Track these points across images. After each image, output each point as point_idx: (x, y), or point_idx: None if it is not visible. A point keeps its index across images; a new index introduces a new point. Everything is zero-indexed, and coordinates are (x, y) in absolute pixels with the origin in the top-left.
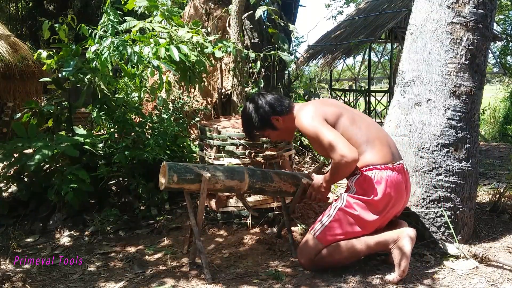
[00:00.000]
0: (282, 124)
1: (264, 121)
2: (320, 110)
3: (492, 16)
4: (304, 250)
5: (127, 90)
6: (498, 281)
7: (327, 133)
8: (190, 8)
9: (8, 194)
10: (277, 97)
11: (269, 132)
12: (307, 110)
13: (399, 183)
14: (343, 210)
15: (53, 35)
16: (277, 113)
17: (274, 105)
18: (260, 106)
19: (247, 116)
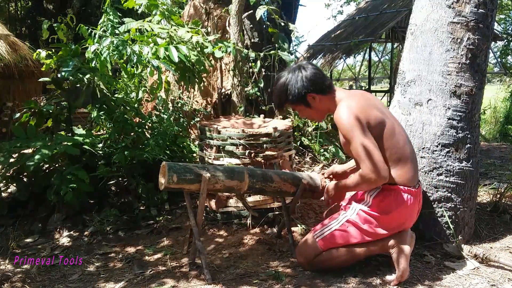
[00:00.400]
0: (317, 103)
1: (300, 96)
2: (365, 111)
3: (492, 15)
4: (303, 250)
5: (127, 90)
6: (499, 282)
7: (363, 141)
8: (190, 7)
9: (7, 194)
10: (319, 74)
11: (300, 108)
12: (350, 105)
13: (414, 207)
14: (352, 222)
15: (53, 34)
16: (316, 91)
17: (315, 82)
18: (300, 79)
19: (282, 87)
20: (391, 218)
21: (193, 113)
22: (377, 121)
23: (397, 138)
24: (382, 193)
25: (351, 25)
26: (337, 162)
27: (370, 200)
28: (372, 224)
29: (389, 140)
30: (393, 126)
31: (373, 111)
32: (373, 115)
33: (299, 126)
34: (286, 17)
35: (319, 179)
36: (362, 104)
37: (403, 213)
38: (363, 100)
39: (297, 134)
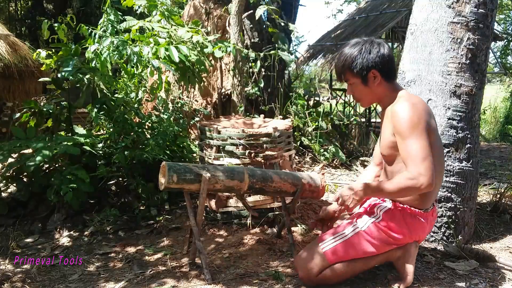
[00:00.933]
0: (375, 84)
1: (363, 68)
2: (428, 114)
3: (492, 15)
4: (306, 263)
5: (127, 90)
6: (499, 282)
7: (422, 141)
8: (190, 7)
9: (7, 194)
10: (392, 58)
11: (356, 82)
12: (415, 103)
13: (423, 229)
14: (362, 236)
15: (53, 34)
16: (381, 71)
17: (386, 62)
18: (375, 51)
19: (352, 52)
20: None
21: (193, 113)
22: (433, 130)
23: (441, 158)
24: (392, 211)
25: (351, 25)
26: (337, 162)
27: (381, 215)
28: (382, 238)
29: (437, 152)
30: (438, 142)
31: (432, 118)
32: (433, 122)
33: (299, 126)
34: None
35: (319, 179)
36: (425, 107)
37: (413, 235)
38: (425, 106)
39: (297, 134)
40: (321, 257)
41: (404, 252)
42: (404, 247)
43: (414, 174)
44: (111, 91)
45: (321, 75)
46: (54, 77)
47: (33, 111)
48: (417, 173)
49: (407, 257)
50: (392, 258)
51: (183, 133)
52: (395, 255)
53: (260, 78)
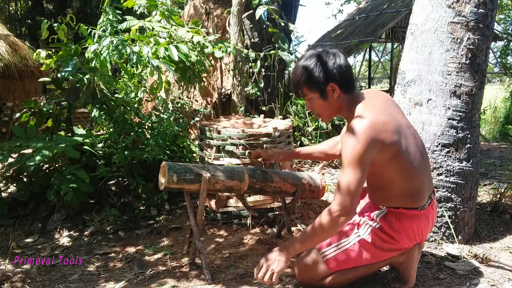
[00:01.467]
0: (334, 98)
1: (320, 82)
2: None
3: (492, 15)
4: (308, 271)
5: (127, 90)
6: (499, 282)
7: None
8: (190, 7)
9: (7, 194)
10: (349, 68)
11: (313, 97)
12: (365, 127)
13: (422, 227)
14: (363, 244)
15: (52, 34)
16: (340, 84)
17: (344, 74)
18: (331, 63)
19: (308, 65)
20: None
21: (193, 113)
22: (390, 149)
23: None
24: (388, 215)
25: (351, 25)
26: (337, 162)
27: (378, 221)
28: (383, 246)
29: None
30: (407, 145)
31: (389, 131)
32: (387, 140)
33: (299, 126)
34: (286, 17)
35: (319, 179)
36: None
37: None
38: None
39: (297, 134)
40: (323, 265)
41: (407, 257)
42: (407, 252)
43: (336, 209)
44: (111, 91)
45: None
46: (54, 77)
47: (33, 111)
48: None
49: (410, 262)
50: (396, 262)
51: (183, 133)
52: (399, 260)
53: (260, 78)
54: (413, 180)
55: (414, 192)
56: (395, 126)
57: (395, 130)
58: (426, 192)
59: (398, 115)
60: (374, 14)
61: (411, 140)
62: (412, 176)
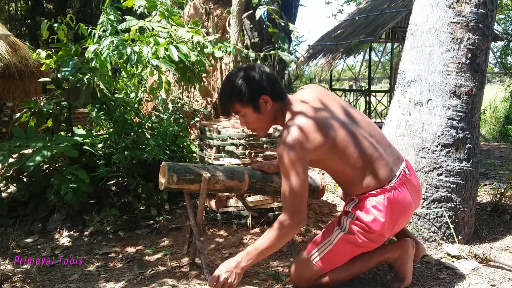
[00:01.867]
0: (267, 110)
1: (252, 96)
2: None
3: (492, 15)
4: (301, 273)
5: (127, 90)
6: (499, 282)
7: (293, 181)
8: (190, 7)
9: (7, 194)
10: (275, 76)
11: (247, 112)
12: (293, 131)
13: (399, 200)
14: (346, 239)
15: (52, 34)
16: (271, 94)
17: (273, 84)
18: (259, 76)
19: (236, 83)
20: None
21: (193, 113)
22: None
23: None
24: (360, 203)
25: (351, 25)
26: None
27: (355, 212)
28: (365, 235)
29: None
30: (345, 135)
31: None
32: (316, 140)
33: None
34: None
35: (319, 179)
36: (307, 129)
37: (388, 215)
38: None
39: None
40: (314, 268)
41: (402, 254)
42: (402, 248)
43: (288, 214)
44: (111, 91)
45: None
46: (54, 77)
47: (33, 111)
48: (290, 213)
49: (405, 258)
50: (390, 259)
51: (183, 133)
52: (393, 257)
53: None
54: (362, 163)
55: (370, 172)
56: (323, 123)
57: (324, 127)
58: (386, 168)
59: (333, 107)
60: (374, 14)
61: (351, 127)
62: (360, 159)
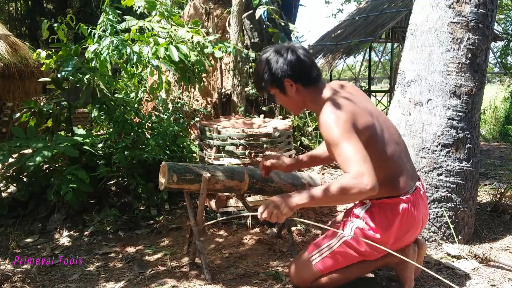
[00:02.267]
0: (293, 92)
1: (276, 79)
2: (351, 114)
3: (492, 15)
4: (300, 273)
5: (127, 90)
6: (499, 282)
7: (355, 145)
8: (190, 7)
9: (7, 194)
10: (306, 62)
11: (276, 93)
12: (336, 107)
13: (411, 215)
14: (349, 244)
15: (52, 34)
16: (295, 78)
17: (297, 69)
18: (282, 60)
19: (263, 63)
20: (390, 234)
21: (193, 113)
22: (365, 127)
23: (384, 145)
24: (372, 208)
25: (351, 25)
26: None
27: (364, 218)
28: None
29: (378, 147)
30: (381, 133)
31: (362, 115)
32: (361, 120)
33: (299, 126)
34: (286, 17)
35: (319, 179)
36: (351, 107)
37: (399, 226)
38: (350, 103)
39: (297, 134)
40: (313, 269)
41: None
42: (402, 252)
43: (357, 173)
44: (111, 91)
45: None
46: (54, 77)
47: (33, 111)
48: (360, 172)
49: (406, 262)
50: (391, 263)
51: (183, 133)
52: (394, 260)
53: None
54: (388, 166)
55: (392, 178)
56: (366, 112)
57: (367, 114)
58: (405, 178)
59: (368, 103)
60: (374, 14)
61: (384, 127)
62: (387, 162)
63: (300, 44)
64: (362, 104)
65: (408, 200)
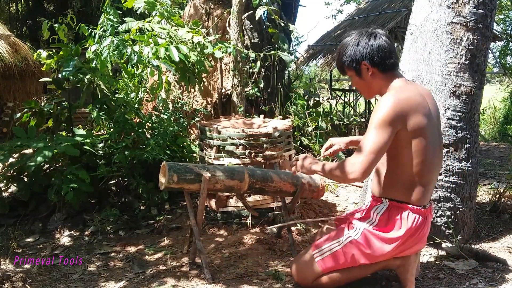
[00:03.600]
0: (369, 76)
1: (353, 60)
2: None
3: (492, 16)
4: (301, 269)
5: (127, 90)
6: (498, 282)
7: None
8: (190, 8)
9: (8, 194)
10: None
11: (352, 75)
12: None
13: (422, 229)
14: (355, 244)
15: (53, 35)
16: (372, 62)
17: (376, 53)
18: (363, 43)
19: (344, 45)
20: (397, 241)
21: (193, 113)
22: (417, 127)
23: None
24: (388, 212)
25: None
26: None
27: (377, 219)
28: (376, 247)
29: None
30: (433, 138)
31: (418, 115)
32: (416, 119)
33: (299, 126)
34: (286, 17)
35: (319, 179)
36: (411, 103)
37: (411, 235)
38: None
39: (297, 134)
40: (314, 266)
41: (404, 261)
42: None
43: (354, 162)
44: (112, 91)
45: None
46: (55, 77)
47: (34, 111)
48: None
49: (407, 265)
50: (392, 266)
51: (183, 133)
52: (395, 263)
53: (260, 78)
54: (425, 169)
55: (422, 184)
56: (426, 111)
57: (425, 113)
58: (431, 190)
59: (432, 107)
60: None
61: (436, 135)
62: (425, 164)
63: (383, 31)
64: (426, 103)
65: (421, 213)
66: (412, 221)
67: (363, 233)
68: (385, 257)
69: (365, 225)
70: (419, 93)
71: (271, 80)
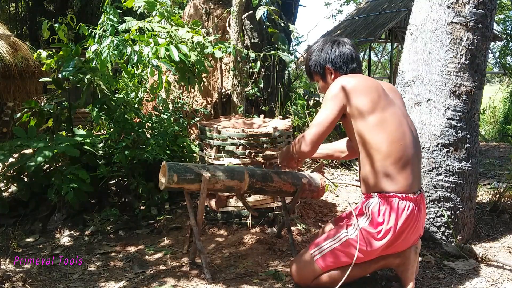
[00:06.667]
0: (331, 80)
1: (317, 65)
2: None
3: (492, 16)
4: (300, 269)
5: (127, 90)
6: (498, 281)
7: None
8: (190, 7)
9: (8, 194)
10: (348, 53)
11: (317, 79)
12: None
13: (416, 217)
14: (352, 243)
15: (53, 35)
16: (335, 67)
17: (337, 58)
18: (326, 49)
19: (311, 52)
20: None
21: (193, 113)
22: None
23: (402, 134)
24: (379, 205)
25: (351, 25)
26: (336, 162)
27: (370, 214)
28: (373, 244)
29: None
30: (400, 120)
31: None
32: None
33: (299, 126)
34: (286, 17)
35: (319, 178)
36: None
37: (404, 223)
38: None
39: (297, 134)
40: (313, 265)
41: (404, 259)
42: (403, 254)
43: (303, 134)
44: (112, 91)
45: None
46: (55, 77)
47: (34, 111)
48: (305, 135)
49: (407, 264)
50: (392, 265)
51: (183, 133)
52: (395, 262)
53: (260, 78)
54: (393, 147)
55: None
56: (375, 88)
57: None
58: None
59: (386, 85)
60: (374, 15)
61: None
62: (391, 140)
63: (349, 40)
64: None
65: (412, 200)
66: (403, 209)
67: (360, 230)
68: (383, 250)
69: (361, 223)
70: (369, 78)
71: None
